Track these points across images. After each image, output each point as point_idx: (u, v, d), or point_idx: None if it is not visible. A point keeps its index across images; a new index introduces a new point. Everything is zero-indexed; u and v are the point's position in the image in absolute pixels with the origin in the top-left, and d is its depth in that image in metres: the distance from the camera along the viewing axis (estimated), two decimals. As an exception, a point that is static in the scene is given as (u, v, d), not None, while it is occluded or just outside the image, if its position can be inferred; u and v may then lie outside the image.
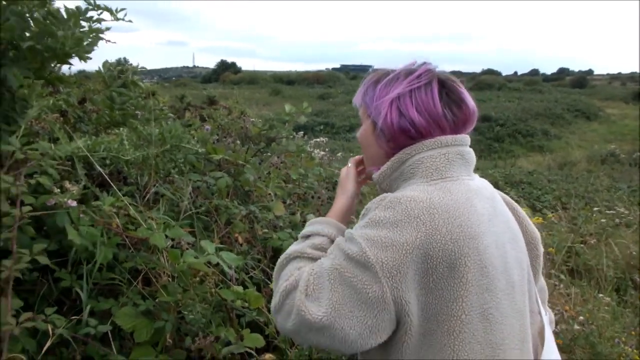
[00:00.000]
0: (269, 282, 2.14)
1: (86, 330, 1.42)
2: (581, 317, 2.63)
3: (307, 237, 1.16)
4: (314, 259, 1.07)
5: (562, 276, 3.49)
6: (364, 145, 1.17)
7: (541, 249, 1.20)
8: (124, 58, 3.10)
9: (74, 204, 1.50)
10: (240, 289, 1.80)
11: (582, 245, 5.19)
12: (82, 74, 3.09)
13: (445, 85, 1.07)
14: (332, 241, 1.10)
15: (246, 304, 1.75)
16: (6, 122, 2.06)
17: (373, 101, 1.10)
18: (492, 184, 1.17)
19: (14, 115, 2.08)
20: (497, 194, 1.13)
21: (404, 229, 0.91)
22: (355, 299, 0.92)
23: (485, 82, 45.25)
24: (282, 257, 1.12)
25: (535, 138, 25.80)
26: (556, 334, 2.50)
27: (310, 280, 0.97)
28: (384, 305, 0.91)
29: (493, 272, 0.96)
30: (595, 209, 7.32)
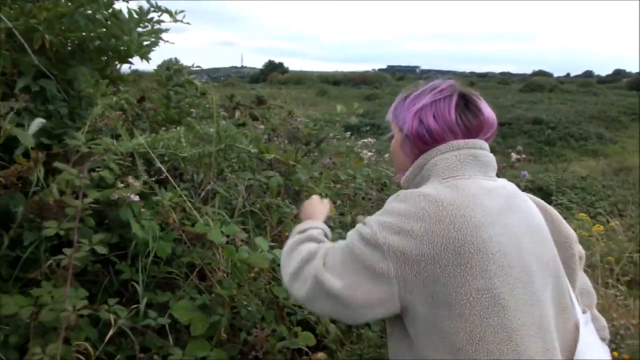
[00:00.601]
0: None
1: (146, 322, 1.46)
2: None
3: (304, 231, 1.31)
4: (322, 242, 1.24)
5: (621, 287, 3.34)
6: (394, 155, 1.30)
7: (577, 249, 1.25)
8: (175, 58, 3.18)
9: (137, 198, 1.54)
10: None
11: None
12: (136, 73, 3.17)
13: (464, 97, 1.19)
14: (325, 233, 1.32)
15: (297, 302, 1.76)
16: (72, 119, 2.16)
17: (401, 113, 1.23)
18: (542, 188, 1.19)
19: (80, 112, 2.18)
20: (521, 194, 1.20)
21: (412, 219, 1.02)
22: (364, 273, 1.04)
23: (536, 83, 43.91)
24: (291, 241, 1.27)
25: (588, 142, 24.87)
26: (618, 348, 2.40)
27: (329, 252, 1.13)
28: (388, 280, 1.01)
29: (502, 260, 1.01)
30: (656, 217, 6.96)
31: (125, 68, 2.97)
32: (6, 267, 1.54)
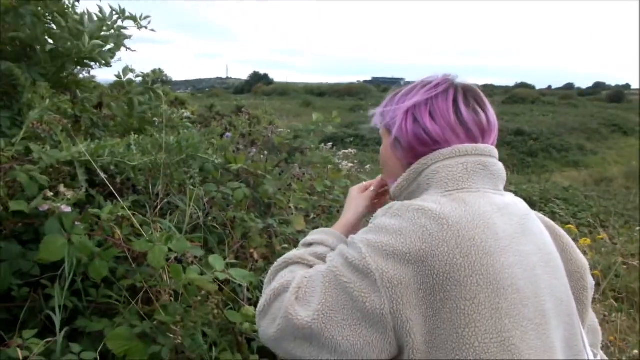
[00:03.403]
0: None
1: (67, 358, 1.27)
2: (635, 351, 2.35)
3: (309, 244, 1.11)
4: (312, 267, 1.00)
5: (611, 301, 3.21)
6: (384, 161, 1.12)
7: (590, 281, 1.03)
8: (159, 69, 3.00)
9: (68, 209, 1.36)
10: (251, 310, 1.63)
11: (624, 266, 4.86)
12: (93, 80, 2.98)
13: (463, 93, 1.02)
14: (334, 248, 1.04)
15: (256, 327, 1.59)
16: (15, 125, 1.97)
17: (390, 112, 1.07)
18: (525, 199, 1.01)
19: (20, 118, 1.99)
20: (533, 214, 1.00)
21: (409, 238, 0.84)
22: (351, 306, 0.84)
23: (519, 95, 44.44)
24: (280, 260, 1.05)
25: (570, 153, 25.18)
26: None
27: (304, 282, 0.92)
28: (381, 318, 0.83)
29: (515, 296, 0.83)
30: (638, 228, 6.92)
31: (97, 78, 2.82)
32: None
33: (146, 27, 2.44)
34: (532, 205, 1.04)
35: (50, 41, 2.19)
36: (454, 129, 0.98)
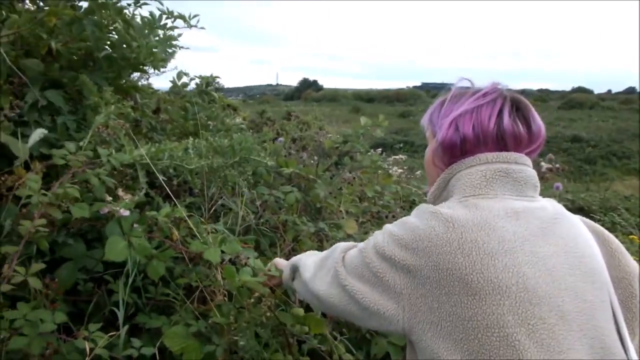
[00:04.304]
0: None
1: (128, 352, 1.32)
2: None
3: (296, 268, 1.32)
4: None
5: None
6: (425, 165, 1.18)
7: (638, 287, 1.01)
8: (212, 74, 3.10)
9: (126, 213, 1.42)
10: (301, 311, 1.65)
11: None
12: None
13: (510, 104, 1.05)
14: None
15: (307, 329, 1.60)
16: (80, 129, 2.07)
17: (438, 120, 1.11)
18: (583, 209, 1.00)
19: (86, 123, 2.09)
20: (568, 218, 1.01)
21: (420, 238, 0.94)
22: (374, 281, 1.00)
23: (576, 100, 42.82)
24: (306, 277, 1.23)
25: (632, 160, 23.99)
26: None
27: (349, 252, 1.12)
28: (395, 295, 0.96)
29: (522, 295, 0.86)
30: None
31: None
32: (-9, 285, 1.44)
33: (196, 26, 2.51)
34: (590, 214, 1.02)
35: (109, 49, 2.29)
36: (486, 138, 1.02)
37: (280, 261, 1.51)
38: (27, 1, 2.28)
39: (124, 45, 2.26)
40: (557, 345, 0.84)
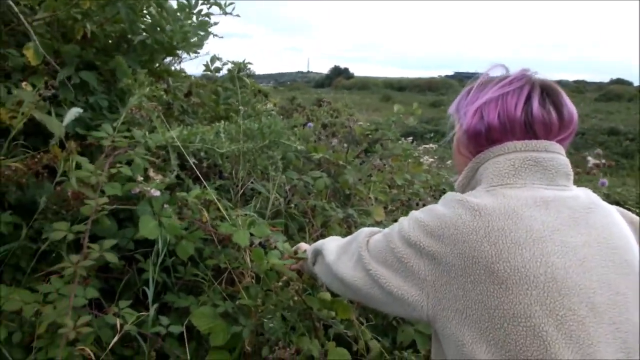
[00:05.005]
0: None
1: (156, 329, 1.34)
2: None
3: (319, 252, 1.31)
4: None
5: None
6: (453, 155, 1.18)
7: None
8: (244, 59, 3.11)
9: (157, 193, 1.43)
10: (328, 296, 1.64)
11: None
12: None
13: (539, 90, 1.02)
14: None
15: (333, 314, 1.60)
16: (112, 110, 2.10)
17: (463, 107, 1.10)
18: (619, 203, 0.96)
19: (119, 104, 2.12)
20: (603, 209, 0.97)
21: (446, 225, 0.93)
22: (397, 266, 0.99)
23: (614, 92, 41.50)
24: (330, 260, 1.22)
25: (673, 154, 23.14)
26: None
27: (374, 236, 1.11)
28: (419, 282, 0.95)
29: (550, 285, 0.84)
30: None
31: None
32: (27, 259, 1.47)
33: (231, 13, 2.51)
34: (626, 209, 0.99)
35: (143, 33, 2.31)
36: (513, 126, 1.00)
37: (303, 245, 1.51)
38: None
39: (158, 29, 2.28)
40: (586, 337, 0.81)
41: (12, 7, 1.81)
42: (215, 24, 2.52)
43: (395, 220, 2.65)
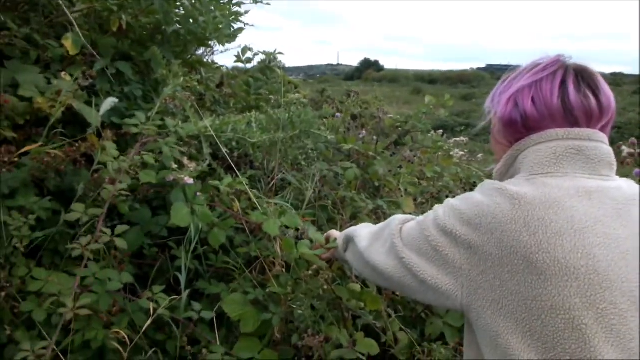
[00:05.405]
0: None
1: (189, 314, 1.37)
2: None
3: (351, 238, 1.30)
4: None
5: None
6: (492, 145, 1.16)
7: None
8: (275, 50, 3.12)
9: (190, 181, 1.46)
10: (357, 287, 1.65)
11: None
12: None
13: (574, 75, 0.99)
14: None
15: (362, 305, 1.60)
16: (146, 100, 2.14)
17: (497, 96, 1.09)
18: None
19: (154, 94, 2.16)
20: None
21: (483, 213, 0.92)
22: (432, 255, 0.98)
23: (655, 85, 40.12)
24: (362, 247, 1.21)
25: None
26: None
27: (407, 224, 1.10)
28: (454, 270, 0.94)
29: (592, 277, 0.82)
30: None
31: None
32: (65, 244, 1.52)
33: (261, 2, 2.52)
34: None
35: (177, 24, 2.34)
36: (552, 113, 0.97)
37: (334, 233, 1.51)
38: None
39: (191, 20, 2.30)
40: (628, 331, 0.80)
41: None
42: (246, 12, 2.53)
43: (424, 212, 2.63)
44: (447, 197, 3.04)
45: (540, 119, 0.98)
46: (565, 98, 0.96)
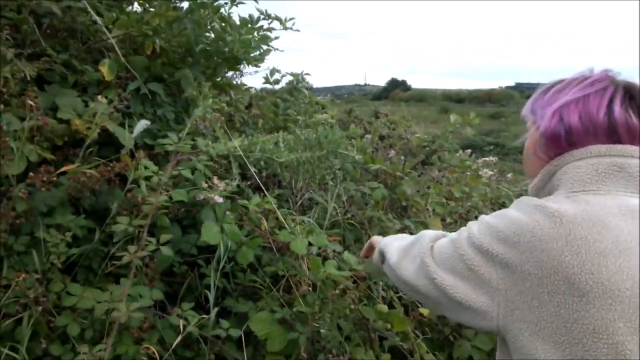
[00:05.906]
0: (419, 306, 1.95)
1: (217, 332, 1.39)
2: None
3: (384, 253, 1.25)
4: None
5: None
6: (525, 157, 1.11)
7: None
8: (302, 71, 3.18)
9: (220, 200, 1.49)
10: (384, 308, 1.64)
11: None
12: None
13: (622, 92, 0.95)
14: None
15: (389, 326, 1.60)
16: (178, 121, 2.20)
17: (540, 108, 1.04)
18: None
19: (184, 115, 2.21)
20: None
21: (522, 231, 0.87)
22: (466, 274, 0.93)
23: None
24: (392, 263, 1.17)
25: None
26: None
27: (439, 242, 1.04)
28: (489, 290, 0.90)
29: (636, 300, 0.78)
30: None
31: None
32: (99, 261, 1.56)
33: (291, 28, 2.58)
34: None
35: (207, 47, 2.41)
36: (595, 130, 0.94)
37: (375, 239, 1.46)
38: (136, 4, 2.46)
39: (220, 42, 2.37)
40: None
41: (100, 24, 1.94)
42: (276, 38, 2.59)
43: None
44: (475, 217, 3.02)
45: (583, 134, 0.95)
46: (611, 115, 0.93)
